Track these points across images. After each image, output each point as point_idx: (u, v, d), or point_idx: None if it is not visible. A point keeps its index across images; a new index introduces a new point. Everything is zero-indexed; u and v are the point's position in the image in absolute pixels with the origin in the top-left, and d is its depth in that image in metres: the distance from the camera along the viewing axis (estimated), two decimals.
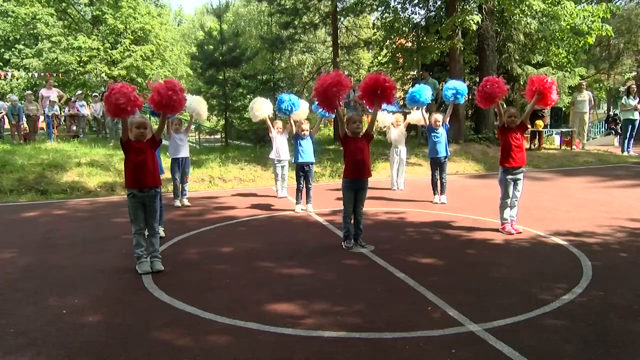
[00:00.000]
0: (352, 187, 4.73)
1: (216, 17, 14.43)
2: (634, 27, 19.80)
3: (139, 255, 4.06)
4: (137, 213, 4.04)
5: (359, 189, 4.75)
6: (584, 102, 13.68)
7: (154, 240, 4.18)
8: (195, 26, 35.31)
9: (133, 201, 4.03)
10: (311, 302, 3.36)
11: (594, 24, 11.99)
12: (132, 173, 4.02)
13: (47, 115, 13.42)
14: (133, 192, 4.02)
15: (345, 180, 4.76)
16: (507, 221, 5.19)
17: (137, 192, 4.02)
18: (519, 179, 5.13)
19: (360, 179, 4.72)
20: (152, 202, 4.09)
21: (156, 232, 4.22)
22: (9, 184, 8.29)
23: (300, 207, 6.57)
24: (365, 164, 4.68)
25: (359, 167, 4.66)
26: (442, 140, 6.92)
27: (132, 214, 4.06)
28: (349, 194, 4.73)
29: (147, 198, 4.05)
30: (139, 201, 4.03)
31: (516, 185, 5.13)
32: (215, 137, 17.80)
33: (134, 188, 4.02)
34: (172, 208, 7.01)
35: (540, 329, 2.89)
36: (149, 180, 4.03)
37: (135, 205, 4.03)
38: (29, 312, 3.30)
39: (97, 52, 20.32)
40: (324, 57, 22.18)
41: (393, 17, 12.70)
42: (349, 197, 4.73)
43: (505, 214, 5.19)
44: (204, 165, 10.04)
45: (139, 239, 4.08)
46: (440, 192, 7.04)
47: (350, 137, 4.67)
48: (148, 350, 2.72)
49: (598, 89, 23.72)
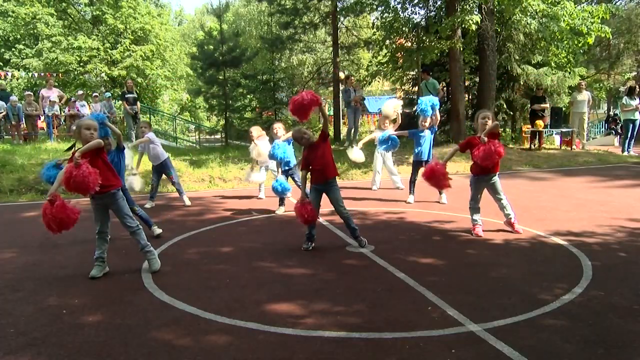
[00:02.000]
0: (319, 189, 4.72)
1: (216, 17, 14.45)
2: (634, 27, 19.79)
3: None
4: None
5: (326, 190, 4.72)
6: (583, 102, 13.69)
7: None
8: (195, 26, 35.32)
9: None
10: (311, 302, 3.36)
11: (593, 25, 11.99)
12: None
13: (47, 115, 13.43)
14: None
15: (311, 185, 4.76)
16: (476, 221, 5.18)
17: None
18: (494, 182, 5.11)
19: (322, 183, 4.69)
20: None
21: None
22: (9, 184, 8.29)
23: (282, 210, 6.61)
24: (325, 169, 4.62)
25: (320, 173, 4.64)
26: (427, 143, 6.95)
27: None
28: (315, 194, 4.71)
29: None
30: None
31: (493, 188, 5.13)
32: (215, 137, 17.82)
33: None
34: (172, 208, 7.01)
35: (540, 329, 2.89)
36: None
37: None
38: (29, 312, 3.30)
39: (97, 52, 20.32)
40: (324, 57, 22.17)
41: (393, 16, 12.69)
42: (314, 199, 4.71)
43: (475, 215, 5.20)
44: (204, 165, 10.04)
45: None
46: (440, 192, 7.04)
47: (307, 149, 4.64)
48: (148, 350, 2.72)
49: (598, 89, 23.72)
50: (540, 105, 13.47)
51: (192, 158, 11.00)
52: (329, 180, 4.68)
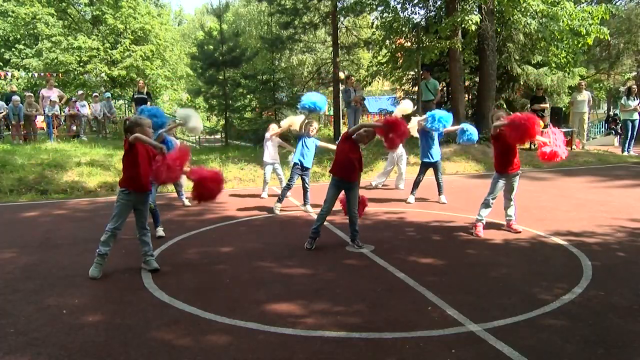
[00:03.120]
0: (341, 186, 4.73)
1: (216, 17, 14.44)
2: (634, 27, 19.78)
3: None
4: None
5: (350, 188, 4.73)
6: (583, 102, 13.69)
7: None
8: (195, 26, 35.30)
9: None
10: (311, 302, 3.36)
11: (592, 26, 11.97)
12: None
13: (47, 115, 13.42)
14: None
15: (333, 178, 4.78)
16: (481, 219, 5.17)
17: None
18: (514, 182, 5.13)
19: (348, 180, 4.69)
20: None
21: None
22: (9, 184, 8.29)
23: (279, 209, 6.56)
24: (359, 170, 4.69)
25: (354, 172, 4.66)
26: (436, 144, 6.94)
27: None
28: (336, 190, 4.74)
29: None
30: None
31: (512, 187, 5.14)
32: (215, 137, 17.81)
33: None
34: (172, 208, 7.02)
35: (540, 329, 2.89)
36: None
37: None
38: (29, 312, 3.30)
39: (97, 52, 20.31)
40: (324, 57, 22.17)
41: (393, 16, 12.68)
42: (334, 194, 4.74)
43: (483, 211, 5.18)
44: (204, 165, 10.04)
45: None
46: (439, 193, 7.04)
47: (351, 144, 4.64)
48: (148, 350, 2.72)
49: (598, 89, 23.71)
50: (540, 105, 13.46)
51: (192, 158, 10.99)
52: (356, 182, 4.75)
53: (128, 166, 4.00)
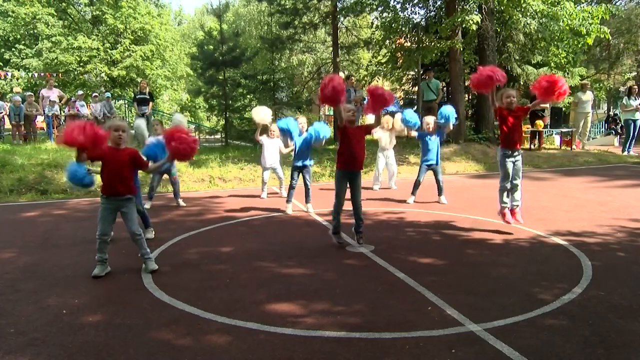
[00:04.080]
0: (347, 176, 4.73)
1: (216, 17, 14.43)
2: (634, 27, 19.80)
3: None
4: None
5: (354, 178, 4.74)
6: (588, 102, 13.58)
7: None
8: (195, 26, 35.30)
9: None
10: (311, 302, 3.36)
11: (592, 26, 11.98)
12: None
13: (47, 115, 13.42)
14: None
15: (339, 171, 4.77)
16: (506, 205, 5.17)
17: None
18: (517, 161, 5.10)
19: (352, 170, 4.72)
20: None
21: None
22: (9, 184, 8.29)
23: (291, 209, 6.55)
24: (362, 158, 4.71)
25: (357, 161, 4.69)
26: (435, 147, 6.94)
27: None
28: (343, 182, 4.74)
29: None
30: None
31: (515, 167, 5.11)
32: (215, 137, 17.80)
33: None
34: (172, 208, 7.02)
35: (540, 329, 2.89)
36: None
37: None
38: (29, 312, 3.30)
39: (97, 52, 20.29)
40: (324, 57, 22.17)
41: (392, 16, 12.69)
42: (343, 185, 4.74)
43: (505, 197, 5.18)
44: (204, 165, 10.04)
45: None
46: (439, 193, 7.05)
47: (348, 127, 4.66)
48: (148, 350, 2.72)
49: (598, 89, 23.71)
50: (540, 105, 13.45)
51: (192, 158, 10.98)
52: (359, 170, 4.79)
53: (101, 173, 4.06)
